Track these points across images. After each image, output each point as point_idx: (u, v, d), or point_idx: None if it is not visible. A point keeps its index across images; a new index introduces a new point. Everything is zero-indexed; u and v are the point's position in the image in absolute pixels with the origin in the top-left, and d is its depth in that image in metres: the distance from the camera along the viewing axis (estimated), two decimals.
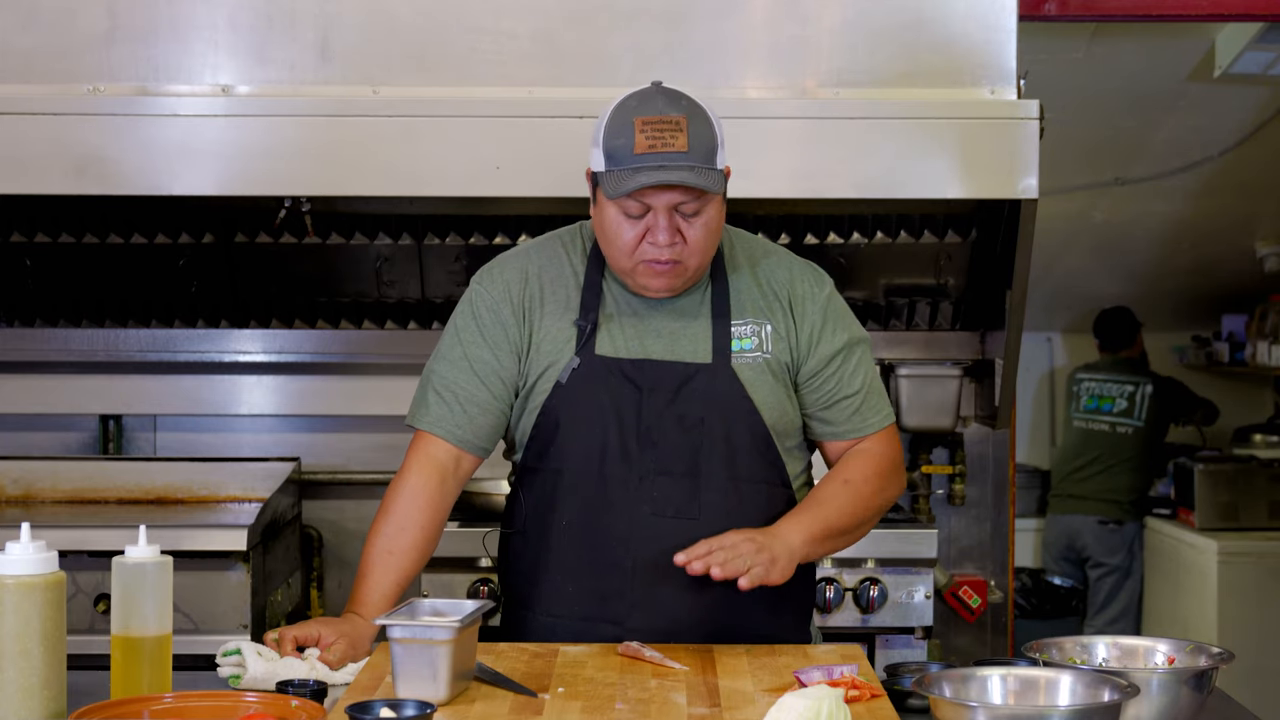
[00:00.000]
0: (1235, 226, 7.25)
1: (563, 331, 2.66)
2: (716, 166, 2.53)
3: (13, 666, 2.09)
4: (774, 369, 2.66)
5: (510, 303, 2.68)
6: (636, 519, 2.61)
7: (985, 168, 3.47)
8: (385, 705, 2.05)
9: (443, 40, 3.56)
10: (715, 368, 2.63)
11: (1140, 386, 7.36)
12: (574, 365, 2.63)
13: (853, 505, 2.66)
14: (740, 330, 2.66)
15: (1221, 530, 6.73)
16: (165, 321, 4.15)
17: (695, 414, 2.62)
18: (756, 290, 2.69)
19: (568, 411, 2.64)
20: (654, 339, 2.65)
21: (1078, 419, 7.41)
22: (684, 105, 2.54)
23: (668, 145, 2.49)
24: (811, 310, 2.70)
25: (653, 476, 2.61)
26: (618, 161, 2.51)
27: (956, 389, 4.15)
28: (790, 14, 3.58)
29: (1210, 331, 8.16)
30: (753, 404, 2.63)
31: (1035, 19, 4.12)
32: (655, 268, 2.57)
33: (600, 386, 2.62)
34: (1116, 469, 7.32)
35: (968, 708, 1.99)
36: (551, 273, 2.70)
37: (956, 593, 4.31)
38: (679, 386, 2.62)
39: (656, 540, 2.60)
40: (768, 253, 2.76)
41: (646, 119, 2.51)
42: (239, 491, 4.07)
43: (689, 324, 2.66)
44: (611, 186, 2.51)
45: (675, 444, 2.62)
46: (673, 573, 2.54)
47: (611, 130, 2.53)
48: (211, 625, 3.47)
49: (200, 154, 3.47)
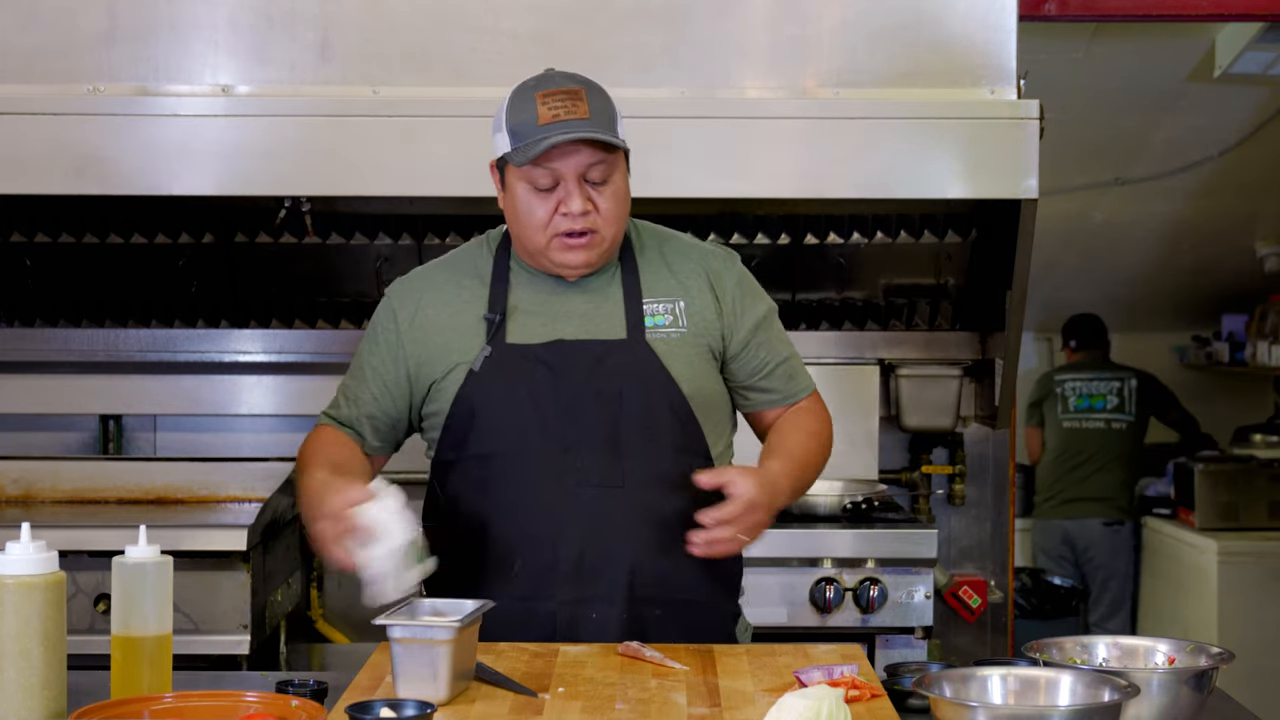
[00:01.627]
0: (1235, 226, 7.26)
1: (471, 328, 2.69)
2: (619, 135, 2.60)
3: (13, 666, 2.09)
4: (693, 344, 2.69)
5: (406, 308, 2.74)
6: (562, 491, 2.63)
7: (985, 168, 3.47)
8: (385, 705, 2.05)
9: (443, 40, 3.56)
10: (630, 343, 2.66)
11: (1126, 381, 7.36)
12: (486, 354, 2.66)
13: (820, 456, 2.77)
14: (652, 308, 2.69)
15: (1221, 530, 6.73)
16: (165, 321, 4.15)
17: (613, 387, 2.64)
18: (666, 270, 2.73)
19: (483, 398, 2.66)
20: (565, 322, 2.68)
21: (1068, 420, 7.39)
22: (580, 80, 2.61)
23: (571, 113, 2.55)
24: (730, 284, 2.74)
25: (575, 448, 2.63)
26: (523, 136, 2.56)
27: (956, 389, 4.15)
28: (790, 14, 3.58)
29: (1210, 331, 8.16)
30: (669, 375, 2.66)
31: (1035, 19, 4.12)
32: (570, 240, 2.61)
33: (514, 372, 2.65)
34: (1112, 466, 7.32)
35: (968, 708, 1.99)
36: (456, 278, 2.75)
37: (956, 593, 4.31)
38: (595, 363, 2.65)
39: (584, 509, 2.62)
40: (672, 235, 2.81)
41: (547, 92, 2.57)
42: (239, 491, 4.06)
43: (601, 304, 2.69)
44: (520, 155, 2.56)
45: (594, 416, 2.64)
46: (602, 542, 2.60)
47: (513, 109, 2.59)
48: (211, 625, 3.47)
49: (200, 154, 3.48)
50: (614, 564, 2.62)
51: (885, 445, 4.28)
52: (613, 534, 2.62)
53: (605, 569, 2.62)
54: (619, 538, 2.62)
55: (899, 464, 4.37)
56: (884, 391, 4.24)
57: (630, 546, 2.62)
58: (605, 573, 2.62)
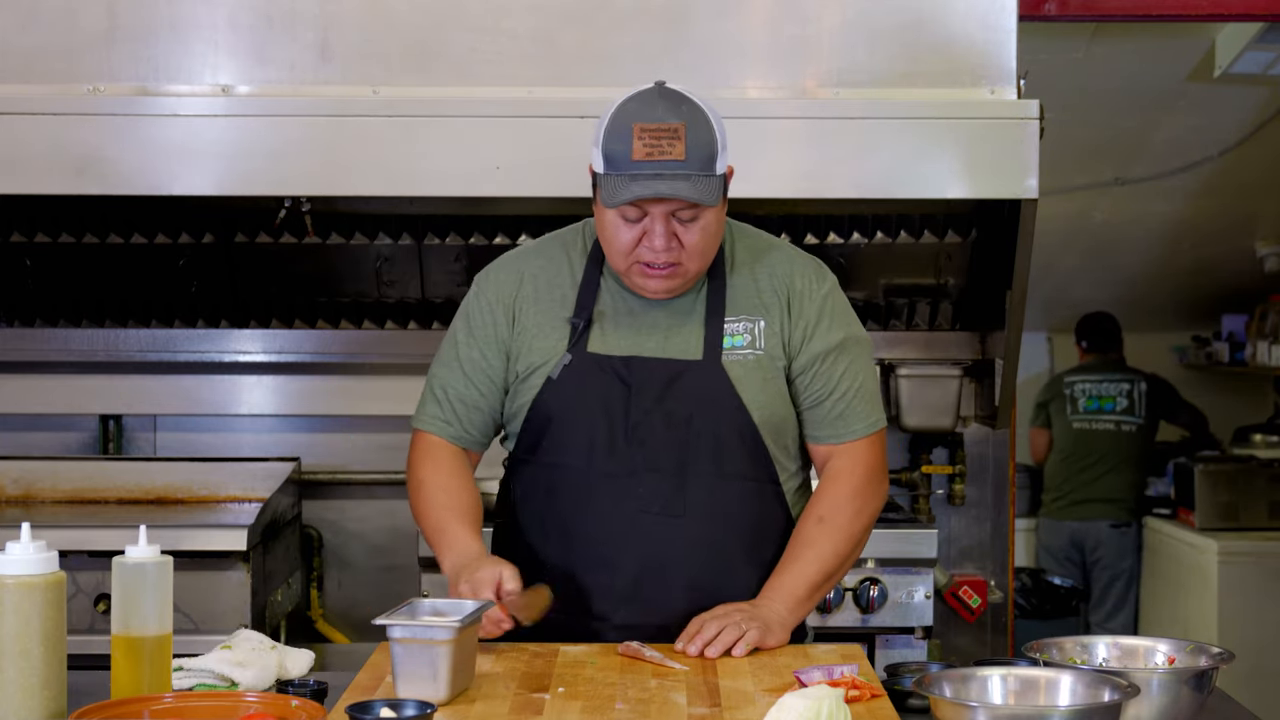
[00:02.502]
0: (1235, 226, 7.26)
1: (557, 329, 2.67)
2: (716, 172, 2.52)
3: (13, 666, 2.09)
4: (766, 366, 2.66)
5: (502, 303, 2.71)
6: (622, 516, 2.63)
7: (985, 168, 3.47)
8: (385, 705, 2.05)
9: (443, 40, 3.56)
10: (705, 364, 2.64)
11: (1135, 384, 7.37)
12: (565, 361, 2.65)
13: (833, 544, 2.67)
14: (733, 327, 2.66)
15: (1221, 530, 6.73)
16: (165, 321, 4.15)
17: (683, 411, 2.63)
18: (753, 287, 2.69)
19: (558, 407, 2.65)
20: (648, 336, 2.66)
21: (1078, 422, 7.39)
22: (684, 111, 2.52)
23: (664, 153, 2.48)
24: (808, 306, 2.69)
25: (640, 474, 2.63)
26: (615, 166, 2.51)
27: (956, 389, 4.15)
28: (790, 14, 3.58)
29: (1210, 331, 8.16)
30: (740, 401, 2.63)
31: (1035, 19, 4.12)
32: (650, 270, 2.58)
33: (590, 383, 2.64)
34: (1121, 468, 7.33)
35: (968, 708, 1.99)
36: (549, 272, 2.72)
37: (956, 593, 4.31)
38: (668, 383, 2.63)
39: (641, 537, 2.62)
40: (771, 247, 2.75)
41: (645, 125, 2.49)
42: (239, 491, 4.07)
43: (683, 321, 2.66)
44: (608, 194, 2.51)
45: (662, 441, 2.62)
46: (658, 570, 2.59)
47: (611, 134, 2.52)
48: (211, 625, 3.47)
49: (200, 154, 3.47)
50: (670, 592, 2.62)
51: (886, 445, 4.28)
52: (670, 563, 2.62)
53: (660, 597, 2.61)
54: (676, 567, 2.62)
55: (899, 464, 4.37)
56: (884, 391, 4.24)
57: (688, 576, 2.61)
58: (660, 600, 2.61)
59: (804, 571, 2.64)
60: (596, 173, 2.56)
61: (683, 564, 2.62)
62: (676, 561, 2.62)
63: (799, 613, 2.63)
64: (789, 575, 2.64)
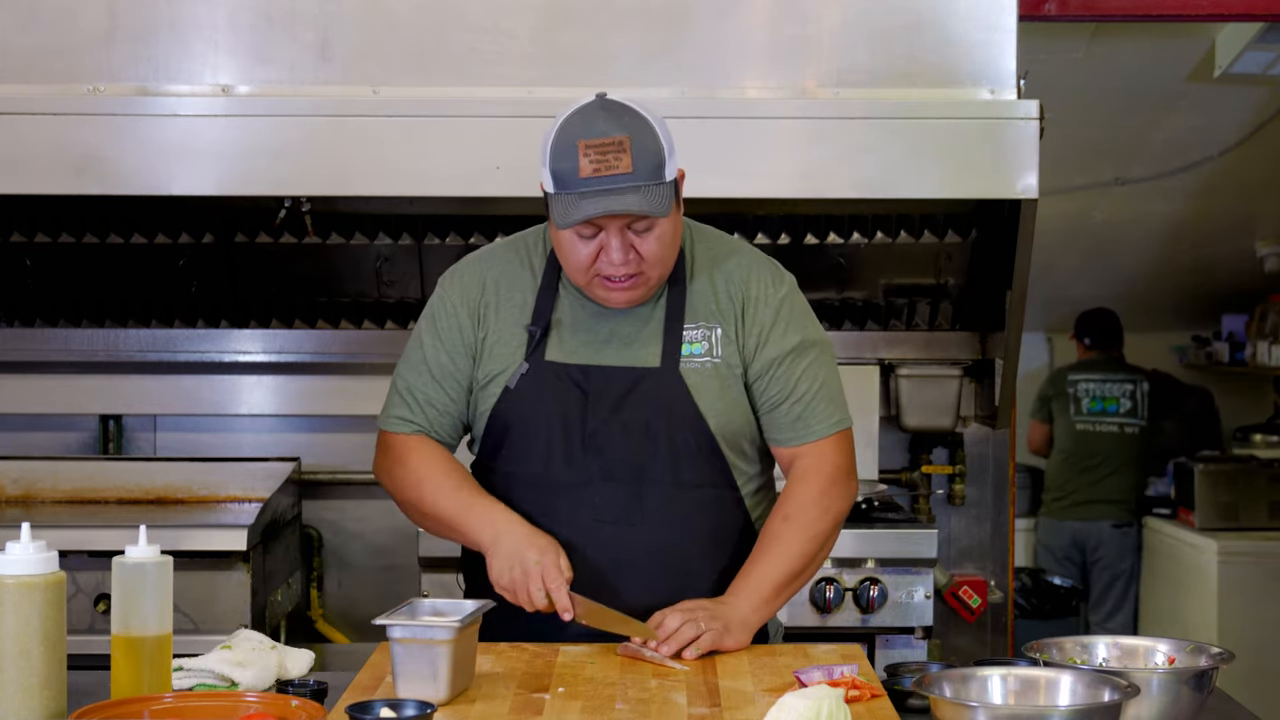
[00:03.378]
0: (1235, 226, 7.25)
1: (515, 336, 2.68)
2: (665, 179, 2.51)
3: (13, 666, 2.09)
4: (723, 374, 2.65)
5: (467, 306, 2.71)
6: (579, 525, 2.63)
7: (985, 168, 3.47)
8: (385, 705, 2.05)
9: (443, 40, 3.56)
10: (662, 373, 2.63)
11: (1138, 384, 7.36)
12: (523, 370, 2.65)
13: (800, 544, 2.64)
14: (691, 334, 2.65)
15: (1221, 530, 6.73)
16: (165, 321, 4.15)
17: (640, 419, 2.62)
18: (711, 294, 2.68)
19: (516, 416, 2.66)
20: (605, 343, 2.65)
21: (1081, 423, 7.38)
22: (627, 122, 2.50)
23: (611, 168, 2.46)
24: (763, 311, 2.67)
25: (596, 483, 2.63)
26: (564, 185, 2.49)
27: (956, 389, 4.15)
28: (790, 14, 3.58)
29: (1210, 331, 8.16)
30: (698, 410, 2.62)
31: (1035, 19, 4.12)
32: (611, 284, 2.58)
33: (547, 391, 2.64)
34: (1124, 470, 7.33)
35: (968, 708, 1.99)
36: (509, 277, 2.72)
37: (956, 593, 4.31)
38: (626, 392, 2.63)
39: (598, 547, 2.62)
40: (731, 252, 2.74)
41: (589, 142, 2.48)
42: (239, 491, 4.07)
43: (641, 328, 2.66)
44: (560, 215, 2.50)
45: (620, 450, 2.62)
46: (615, 580, 2.58)
47: (556, 152, 2.51)
48: (211, 625, 3.47)
49: (200, 154, 3.47)
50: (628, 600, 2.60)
51: (885, 445, 4.28)
52: (627, 573, 2.61)
53: (618, 605, 2.59)
54: (633, 575, 2.61)
55: (899, 464, 4.37)
56: (884, 391, 4.24)
57: (645, 583, 2.60)
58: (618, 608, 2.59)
59: (769, 571, 2.62)
60: (547, 192, 2.54)
61: (640, 571, 2.61)
62: (633, 569, 2.61)
63: (763, 612, 2.60)
64: (754, 575, 2.62)
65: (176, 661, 2.32)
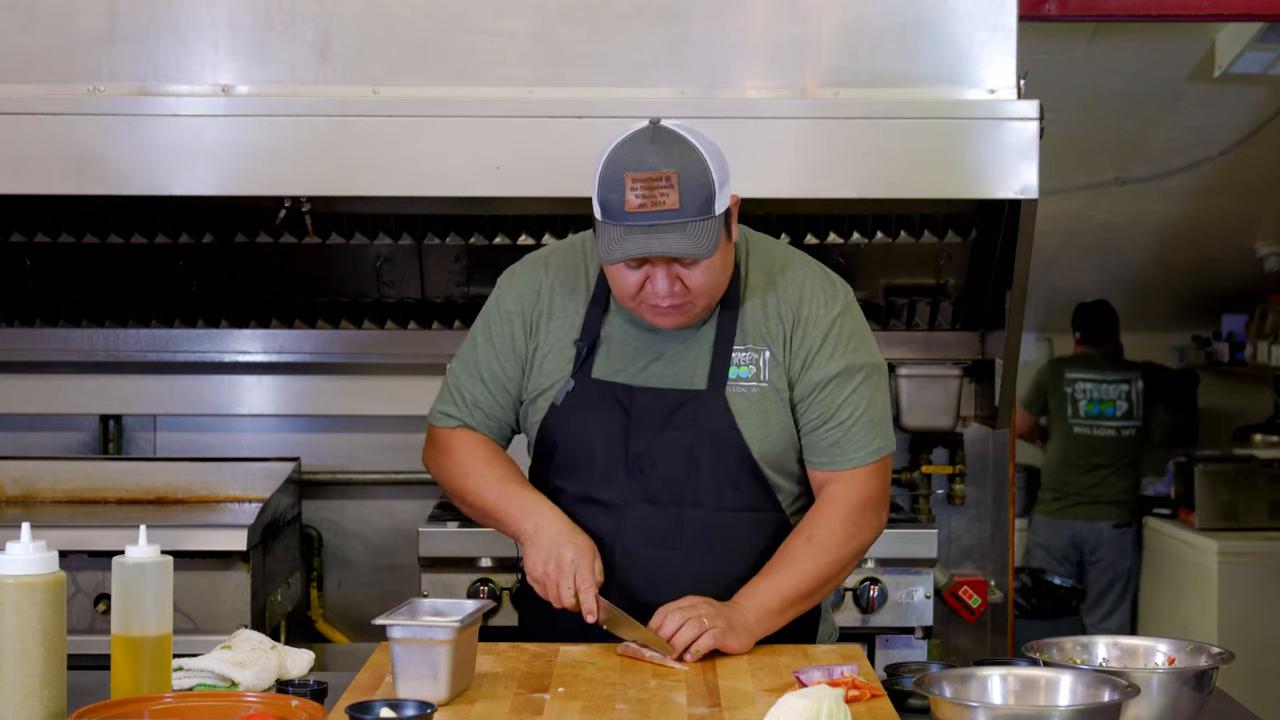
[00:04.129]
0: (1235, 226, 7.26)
1: (564, 351, 2.66)
2: (714, 213, 2.46)
3: (13, 666, 2.09)
4: (769, 397, 2.62)
5: (521, 314, 2.70)
6: (619, 548, 2.62)
7: (985, 168, 3.47)
8: (385, 705, 2.05)
9: (443, 40, 3.56)
10: (708, 396, 2.61)
11: (1133, 383, 7.35)
12: (568, 388, 2.64)
13: (815, 565, 2.61)
14: (739, 357, 2.62)
15: (1221, 530, 6.73)
16: (165, 321, 4.15)
17: (683, 442, 2.60)
18: (763, 315, 2.64)
19: (562, 434, 2.66)
20: (653, 361, 2.64)
21: (1079, 425, 7.37)
22: (676, 156, 2.44)
23: (658, 204, 2.42)
24: (812, 333, 2.63)
25: (638, 504, 2.62)
26: (611, 216, 2.46)
27: (956, 389, 4.15)
28: (790, 14, 3.58)
29: (1210, 331, 8.17)
30: (741, 436, 2.60)
31: (1035, 19, 4.12)
32: (659, 310, 2.55)
33: (592, 411, 2.63)
34: (1123, 471, 7.33)
35: (968, 708, 1.99)
36: (565, 285, 2.69)
37: (956, 593, 4.31)
38: (669, 414, 2.61)
39: (638, 570, 2.62)
40: (787, 266, 2.68)
41: (636, 175, 2.43)
42: (239, 491, 4.07)
43: (690, 348, 2.63)
44: (605, 249, 2.47)
45: (662, 473, 2.61)
46: (657, 603, 2.55)
47: (604, 182, 2.47)
48: (211, 625, 3.47)
49: (200, 154, 3.47)
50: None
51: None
52: (668, 596, 2.57)
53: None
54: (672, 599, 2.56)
55: (899, 464, 4.37)
56: None
57: None
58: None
59: (779, 585, 2.59)
60: (595, 219, 2.51)
61: (680, 595, 2.56)
62: (674, 593, 2.57)
63: (766, 624, 2.57)
64: (764, 585, 2.59)
65: (176, 661, 2.32)
